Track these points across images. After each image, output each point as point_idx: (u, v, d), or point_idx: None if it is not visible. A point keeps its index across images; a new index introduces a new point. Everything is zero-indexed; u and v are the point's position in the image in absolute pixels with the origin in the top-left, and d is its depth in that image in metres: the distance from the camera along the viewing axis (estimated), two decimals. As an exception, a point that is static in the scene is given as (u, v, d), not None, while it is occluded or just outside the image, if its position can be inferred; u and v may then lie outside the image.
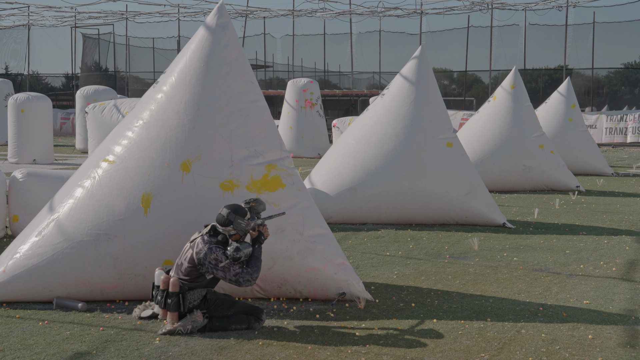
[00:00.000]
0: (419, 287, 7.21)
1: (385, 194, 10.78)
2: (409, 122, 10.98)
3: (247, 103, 6.65)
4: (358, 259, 8.43)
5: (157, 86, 6.84)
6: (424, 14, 40.84)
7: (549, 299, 6.77)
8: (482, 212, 10.77)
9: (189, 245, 5.75)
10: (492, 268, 8.09)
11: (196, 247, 5.65)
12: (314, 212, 6.69)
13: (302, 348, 5.32)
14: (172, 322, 5.61)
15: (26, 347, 5.27)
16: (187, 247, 5.75)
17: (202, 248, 5.61)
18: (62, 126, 37.10)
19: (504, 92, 15.88)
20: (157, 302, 5.74)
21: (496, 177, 15.12)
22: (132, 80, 45.83)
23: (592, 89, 39.02)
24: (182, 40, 43.75)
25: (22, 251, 6.34)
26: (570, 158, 18.33)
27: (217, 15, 6.79)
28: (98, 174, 6.49)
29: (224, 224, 5.66)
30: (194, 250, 5.65)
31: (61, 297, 6.24)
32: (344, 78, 45.46)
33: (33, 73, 47.91)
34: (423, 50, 11.60)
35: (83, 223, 6.30)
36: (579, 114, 19.81)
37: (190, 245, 5.73)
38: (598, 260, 8.51)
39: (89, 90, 25.79)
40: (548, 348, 5.38)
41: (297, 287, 6.49)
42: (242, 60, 6.79)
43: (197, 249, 5.63)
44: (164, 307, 5.67)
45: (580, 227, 10.85)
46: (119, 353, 5.16)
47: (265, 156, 6.58)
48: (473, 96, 41.86)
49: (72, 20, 44.93)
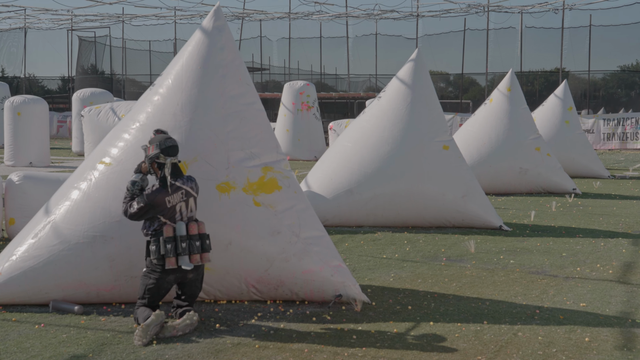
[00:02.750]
0: (415, 289, 7.21)
1: (381, 197, 10.78)
2: (406, 125, 10.98)
3: (243, 105, 6.65)
4: (355, 262, 8.43)
5: (153, 88, 6.84)
6: (420, 16, 40.91)
7: (545, 301, 6.77)
8: (479, 215, 10.78)
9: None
10: (489, 271, 8.09)
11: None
12: (310, 214, 6.69)
13: (298, 351, 5.31)
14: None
15: (22, 350, 5.25)
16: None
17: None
18: (58, 129, 37.08)
19: (500, 95, 15.90)
20: (194, 251, 5.70)
21: (493, 180, 15.13)
22: (129, 83, 45.80)
23: (589, 92, 39.11)
24: (179, 42, 43.78)
25: (19, 253, 6.33)
26: (567, 160, 18.35)
27: (213, 18, 6.79)
28: (94, 176, 6.48)
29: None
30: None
31: (57, 300, 6.23)
32: (340, 81, 45.50)
33: (29, 76, 47.88)
34: (419, 52, 11.61)
35: (79, 225, 6.29)
36: (576, 117, 19.85)
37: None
38: (595, 263, 8.51)
39: (85, 93, 25.77)
40: (545, 351, 5.38)
41: (293, 289, 6.48)
42: (239, 62, 6.79)
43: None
44: (205, 250, 5.76)
45: (576, 230, 10.86)
46: (115, 356, 5.14)
47: (261, 158, 6.58)
48: (469, 99, 41.94)
49: (69, 23, 44.93)
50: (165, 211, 5.76)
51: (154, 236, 5.73)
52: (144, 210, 5.73)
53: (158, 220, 5.77)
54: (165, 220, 5.75)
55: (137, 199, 5.77)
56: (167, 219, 5.76)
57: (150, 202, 5.71)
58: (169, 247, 5.65)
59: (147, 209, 5.73)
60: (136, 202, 5.75)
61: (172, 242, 5.68)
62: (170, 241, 5.67)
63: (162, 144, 5.83)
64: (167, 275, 5.75)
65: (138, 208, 5.73)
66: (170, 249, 5.65)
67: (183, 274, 5.79)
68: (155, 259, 5.68)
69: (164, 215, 5.76)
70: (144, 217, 5.78)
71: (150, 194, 5.75)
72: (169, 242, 5.67)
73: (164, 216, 5.76)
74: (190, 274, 5.83)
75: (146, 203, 5.71)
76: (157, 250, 5.67)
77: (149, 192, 5.75)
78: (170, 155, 5.84)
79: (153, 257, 5.68)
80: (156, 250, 5.67)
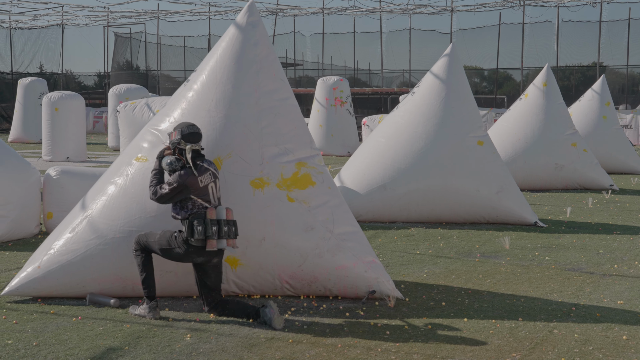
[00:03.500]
0: (449, 285, 7.17)
1: (415, 192, 10.73)
2: (440, 120, 10.92)
3: (277, 101, 6.67)
4: (388, 257, 8.41)
5: (188, 84, 6.88)
6: (455, 11, 40.57)
7: (582, 299, 6.69)
8: (514, 211, 10.67)
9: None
10: (524, 267, 8.02)
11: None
12: (343, 209, 6.68)
13: (332, 346, 5.32)
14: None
15: (60, 342, 5.34)
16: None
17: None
18: (94, 124, 37.54)
19: (536, 90, 15.71)
20: (230, 235, 5.84)
21: (528, 176, 14.97)
22: (163, 79, 46.19)
23: (627, 87, 38.44)
24: (213, 38, 43.98)
25: (56, 247, 6.43)
26: (604, 156, 18.06)
27: (247, 14, 6.81)
28: (130, 171, 6.55)
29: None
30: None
31: (94, 293, 6.32)
32: (373, 76, 45.32)
33: (66, 72, 48.53)
34: (454, 47, 11.52)
35: (115, 220, 6.37)
36: (614, 112, 19.52)
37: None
38: (632, 260, 8.38)
39: (121, 89, 26.05)
40: (581, 348, 5.31)
41: (327, 285, 6.49)
42: (273, 58, 6.81)
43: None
44: (236, 236, 5.90)
45: (614, 227, 10.70)
46: (150, 349, 5.21)
47: (295, 154, 6.59)
48: (504, 94, 41.47)
49: (105, 19, 45.43)
50: (199, 191, 5.86)
51: (196, 217, 5.81)
52: (176, 190, 5.84)
53: (192, 200, 5.85)
54: (201, 201, 5.85)
55: (167, 181, 5.89)
56: (203, 200, 5.87)
57: (184, 182, 5.82)
58: (214, 229, 5.77)
59: (180, 189, 5.83)
60: (167, 184, 5.87)
61: (216, 224, 5.80)
62: (215, 224, 5.79)
63: (184, 130, 5.96)
64: (198, 255, 5.87)
65: (170, 189, 5.84)
66: (215, 231, 5.77)
67: (210, 257, 5.90)
68: (197, 239, 5.78)
69: (198, 195, 5.86)
70: (174, 198, 5.88)
71: (183, 174, 5.85)
72: (214, 225, 5.79)
73: (198, 196, 5.86)
74: (215, 258, 5.94)
75: (180, 183, 5.82)
76: (203, 230, 5.76)
77: (182, 173, 5.86)
78: (190, 142, 5.94)
79: (198, 236, 5.77)
80: (202, 231, 5.76)
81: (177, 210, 5.93)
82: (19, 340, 5.36)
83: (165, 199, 5.90)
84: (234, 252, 6.31)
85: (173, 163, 5.94)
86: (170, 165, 5.94)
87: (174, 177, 5.86)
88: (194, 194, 5.86)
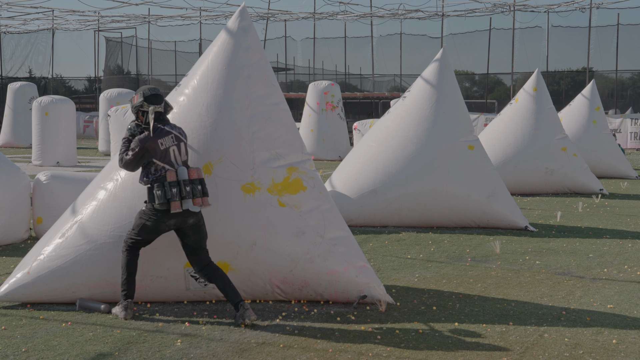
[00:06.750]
0: (440, 290, 7.18)
1: (406, 197, 10.74)
2: (431, 125, 10.94)
3: (268, 105, 6.67)
4: (379, 262, 8.41)
5: (179, 89, 6.88)
6: (445, 16, 40.72)
7: (572, 303, 6.71)
8: (504, 215, 10.70)
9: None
10: (514, 271, 8.04)
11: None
12: (335, 214, 6.68)
13: (323, 351, 5.31)
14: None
15: (50, 348, 5.31)
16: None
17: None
18: (85, 129, 37.41)
19: (526, 95, 15.78)
20: (197, 194, 5.87)
21: (518, 180, 15.02)
22: (154, 83, 46.10)
23: (616, 91, 38.64)
24: (204, 43, 43.99)
25: (46, 253, 6.40)
26: (594, 161, 18.15)
27: (238, 18, 6.82)
28: (120, 176, 6.53)
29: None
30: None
31: (84, 298, 6.30)
32: (365, 81, 45.42)
33: (57, 76, 48.41)
34: (444, 52, 11.56)
35: (105, 225, 6.34)
36: (603, 117, 19.60)
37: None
38: (622, 264, 8.42)
39: (111, 93, 26.00)
40: (571, 352, 5.33)
41: (318, 290, 6.48)
42: (264, 63, 6.81)
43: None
44: (206, 194, 5.93)
45: (603, 231, 10.74)
46: (140, 354, 5.19)
47: (286, 159, 6.59)
48: (495, 99, 41.64)
49: (96, 24, 45.37)
50: (159, 154, 5.91)
51: (157, 181, 5.86)
52: (138, 155, 5.91)
53: (154, 165, 5.91)
54: (163, 164, 5.90)
55: (131, 146, 5.95)
56: (164, 163, 5.91)
57: (143, 146, 5.89)
58: (174, 191, 5.81)
59: (142, 153, 5.91)
60: (130, 150, 5.94)
61: (176, 186, 5.83)
62: (174, 185, 5.83)
63: (146, 92, 6.03)
64: (169, 219, 5.90)
65: (133, 154, 5.92)
66: (176, 193, 5.81)
67: (184, 219, 5.92)
68: (160, 203, 5.82)
69: (159, 158, 5.91)
70: (139, 163, 5.95)
71: (142, 138, 5.92)
72: (174, 187, 5.83)
73: (160, 160, 5.91)
74: (191, 219, 5.95)
75: (140, 147, 5.90)
76: (163, 194, 5.81)
77: (141, 137, 5.93)
78: (153, 103, 6.01)
79: (159, 201, 5.81)
80: (162, 195, 5.81)
81: (142, 176, 6.00)
82: (8, 346, 5.33)
83: (131, 165, 5.98)
84: (225, 257, 6.29)
85: (132, 128, 6.04)
86: (130, 131, 6.03)
87: (134, 141, 5.95)
88: (156, 157, 5.92)
